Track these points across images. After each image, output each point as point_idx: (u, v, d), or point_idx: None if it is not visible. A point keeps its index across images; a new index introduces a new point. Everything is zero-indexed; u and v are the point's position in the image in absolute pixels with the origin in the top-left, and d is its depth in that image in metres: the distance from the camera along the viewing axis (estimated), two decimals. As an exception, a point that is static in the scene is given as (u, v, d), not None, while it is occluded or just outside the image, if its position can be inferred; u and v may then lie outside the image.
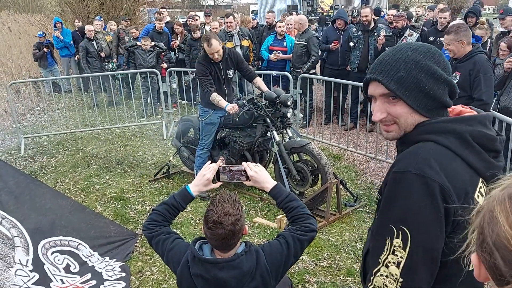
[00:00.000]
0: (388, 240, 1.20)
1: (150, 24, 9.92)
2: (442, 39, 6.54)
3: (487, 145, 1.25)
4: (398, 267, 1.18)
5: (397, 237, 1.18)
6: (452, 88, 1.29)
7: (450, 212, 1.15)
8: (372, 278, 1.24)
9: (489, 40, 6.04)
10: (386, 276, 1.20)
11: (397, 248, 1.18)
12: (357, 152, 6.16)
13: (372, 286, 1.24)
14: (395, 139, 1.37)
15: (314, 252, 3.77)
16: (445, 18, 6.73)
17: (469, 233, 0.84)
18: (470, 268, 1.09)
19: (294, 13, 10.03)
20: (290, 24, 7.71)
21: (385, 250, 1.21)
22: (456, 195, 1.17)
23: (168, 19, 10.01)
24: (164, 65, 8.28)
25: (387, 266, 1.20)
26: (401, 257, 1.17)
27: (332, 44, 7.23)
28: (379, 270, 1.22)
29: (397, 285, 1.18)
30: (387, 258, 1.20)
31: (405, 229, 1.17)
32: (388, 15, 8.16)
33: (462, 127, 1.23)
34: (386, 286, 1.20)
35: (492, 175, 1.12)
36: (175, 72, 8.03)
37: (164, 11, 10.25)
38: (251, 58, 8.07)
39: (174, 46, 8.94)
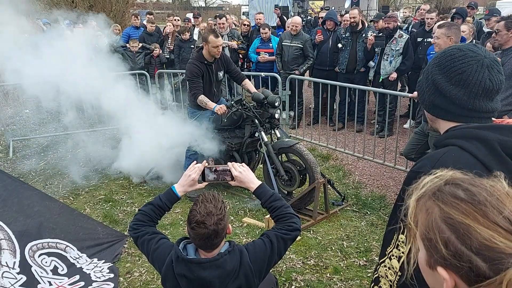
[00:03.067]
0: (395, 234, 1.25)
1: (129, 28, 9.91)
2: (429, 39, 6.64)
3: None
4: (398, 261, 1.23)
5: (402, 233, 1.20)
6: (474, 88, 1.25)
7: None
8: (377, 267, 1.31)
9: (474, 41, 6.12)
10: (388, 268, 1.26)
11: (400, 243, 1.23)
12: (345, 152, 6.22)
13: (377, 274, 1.31)
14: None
15: (302, 250, 3.80)
16: (432, 18, 6.82)
17: (412, 252, 0.86)
18: None
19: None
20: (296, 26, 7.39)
21: (392, 243, 1.26)
22: None
23: (144, 23, 10.00)
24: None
25: (390, 259, 1.26)
26: (402, 252, 1.22)
27: (317, 35, 7.28)
28: (384, 261, 1.29)
29: (395, 277, 1.24)
30: (391, 251, 1.26)
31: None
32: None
33: (492, 135, 1.20)
34: (387, 277, 1.26)
35: None
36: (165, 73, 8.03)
37: (139, 17, 10.21)
38: (241, 56, 8.09)
39: (168, 46, 8.94)
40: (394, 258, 1.24)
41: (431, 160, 1.24)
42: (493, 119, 1.33)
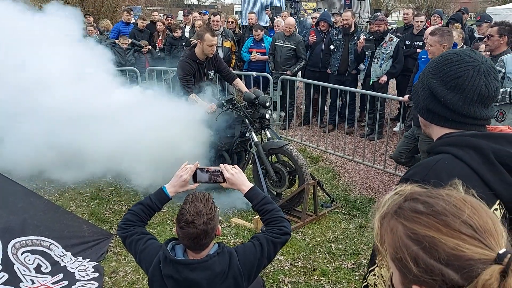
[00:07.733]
0: None
1: (119, 23, 9.81)
2: (418, 43, 6.69)
3: None
4: (388, 270, 1.21)
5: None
6: (469, 94, 1.22)
7: None
8: (367, 275, 1.29)
9: (465, 46, 6.17)
10: (378, 277, 1.24)
11: None
12: (335, 154, 6.22)
13: (366, 283, 1.28)
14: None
15: (290, 252, 3.78)
16: (421, 21, 6.88)
17: (387, 270, 0.85)
18: None
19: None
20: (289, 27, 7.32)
21: None
22: None
23: (133, 20, 9.92)
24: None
25: (380, 267, 1.24)
26: None
27: (310, 36, 7.28)
28: (373, 269, 1.26)
29: (385, 287, 1.22)
30: (381, 259, 1.24)
31: None
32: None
33: (486, 144, 1.18)
34: (377, 286, 1.24)
35: None
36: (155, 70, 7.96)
37: (132, 13, 10.13)
38: (233, 61, 8.06)
39: (159, 45, 8.89)
40: (384, 267, 1.22)
41: (424, 168, 1.22)
42: (486, 126, 1.32)
